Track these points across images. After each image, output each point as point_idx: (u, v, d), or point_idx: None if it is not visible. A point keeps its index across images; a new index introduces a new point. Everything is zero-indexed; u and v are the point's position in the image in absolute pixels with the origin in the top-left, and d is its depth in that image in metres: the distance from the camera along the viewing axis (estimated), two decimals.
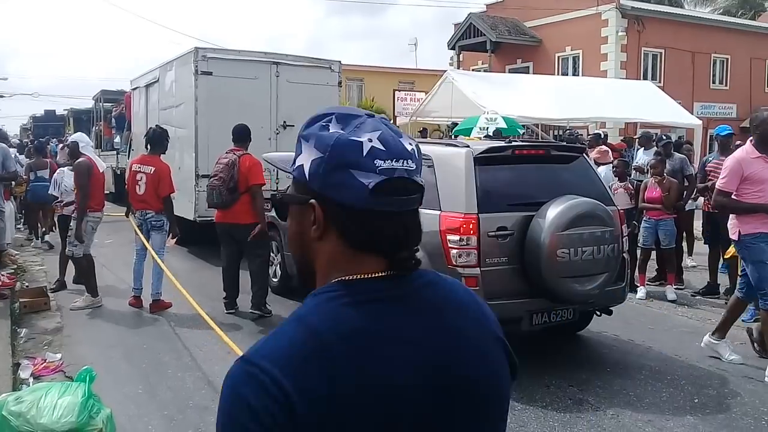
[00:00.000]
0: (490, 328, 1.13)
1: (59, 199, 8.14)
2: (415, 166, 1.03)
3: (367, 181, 0.98)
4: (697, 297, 7.89)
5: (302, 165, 1.04)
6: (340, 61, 10.84)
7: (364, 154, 0.99)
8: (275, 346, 0.97)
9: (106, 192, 8.20)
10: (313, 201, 1.02)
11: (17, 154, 13.13)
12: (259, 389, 0.91)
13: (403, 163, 1.01)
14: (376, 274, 1.02)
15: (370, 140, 1.00)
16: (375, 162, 0.99)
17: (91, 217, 7.22)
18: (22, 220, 12.39)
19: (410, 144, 1.04)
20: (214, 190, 6.66)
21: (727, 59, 26.43)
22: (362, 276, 1.02)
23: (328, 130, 1.03)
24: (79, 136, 7.86)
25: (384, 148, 1.00)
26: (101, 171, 7.42)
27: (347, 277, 1.02)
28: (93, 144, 19.05)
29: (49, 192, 8.58)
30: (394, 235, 1.02)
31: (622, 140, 16.95)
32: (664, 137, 9.09)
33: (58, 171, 8.63)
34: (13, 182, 8.47)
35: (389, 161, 1.00)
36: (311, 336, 0.96)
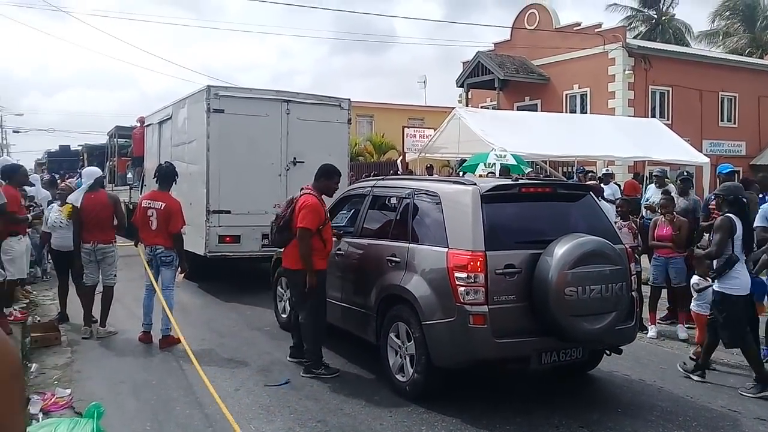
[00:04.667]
0: None
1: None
2: None
3: None
4: None
5: None
6: (349, 99, 11.01)
7: None
8: None
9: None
10: None
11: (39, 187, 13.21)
12: None
13: None
14: None
15: None
16: None
17: None
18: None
19: None
20: (271, 226, 6.47)
21: (735, 97, 26.57)
22: None
23: None
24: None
25: None
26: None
27: None
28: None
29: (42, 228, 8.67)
30: None
31: (633, 177, 16.97)
32: (686, 173, 9.11)
33: (47, 208, 8.72)
34: (30, 216, 8.58)
35: None
36: None
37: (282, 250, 6.45)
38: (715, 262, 5.93)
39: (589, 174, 13.40)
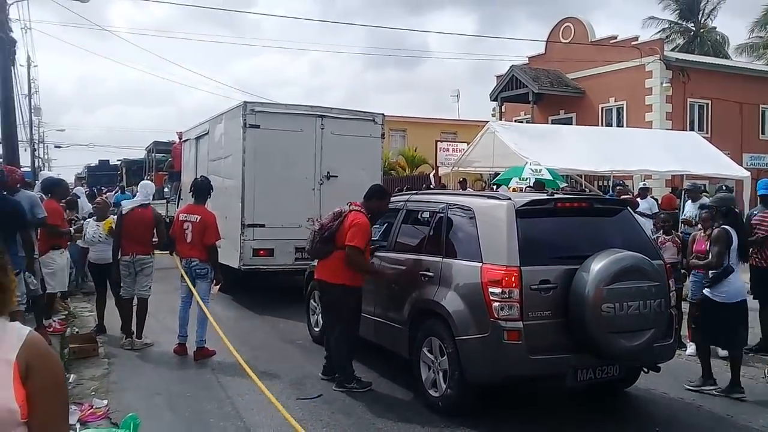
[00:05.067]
0: None
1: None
2: None
3: None
4: (749, 354, 7.59)
5: None
6: (383, 114, 11.04)
7: None
8: None
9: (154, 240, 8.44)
10: None
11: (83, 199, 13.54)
12: None
13: None
14: None
15: None
16: None
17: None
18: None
19: None
20: (311, 235, 6.32)
21: None
22: None
23: None
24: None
25: None
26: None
27: None
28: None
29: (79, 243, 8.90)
30: None
31: (671, 192, 16.71)
32: (724, 188, 8.94)
33: (84, 222, 8.91)
34: (72, 229, 8.80)
35: None
36: None
37: (315, 263, 6.47)
38: (710, 271, 6.25)
39: (618, 188, 13.25)
